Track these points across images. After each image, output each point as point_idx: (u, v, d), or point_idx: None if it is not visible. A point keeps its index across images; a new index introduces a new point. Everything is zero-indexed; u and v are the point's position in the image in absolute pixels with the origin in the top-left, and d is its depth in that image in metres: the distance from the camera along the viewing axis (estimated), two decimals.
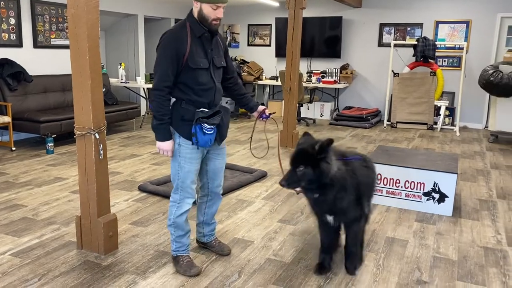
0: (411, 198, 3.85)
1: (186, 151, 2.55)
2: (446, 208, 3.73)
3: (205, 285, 2.57)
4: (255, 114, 2.90)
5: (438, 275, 2.75)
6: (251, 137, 3.00)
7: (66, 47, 6.78)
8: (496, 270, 2.83)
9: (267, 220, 3.58)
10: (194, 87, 2.49)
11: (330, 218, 2.60)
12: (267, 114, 2.89)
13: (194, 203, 2.77)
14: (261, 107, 2.89)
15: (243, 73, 9.15)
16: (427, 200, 3.79)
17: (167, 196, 4.00)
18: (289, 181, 2.32)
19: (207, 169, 2.74)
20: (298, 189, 2.38)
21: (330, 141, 2.30)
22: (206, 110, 2.52)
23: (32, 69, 6.29)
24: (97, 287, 2.52)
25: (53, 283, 2.56)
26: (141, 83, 7.41)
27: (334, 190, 2.38)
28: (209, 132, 2.49)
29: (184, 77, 2.48)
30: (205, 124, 2.47)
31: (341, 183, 2.41)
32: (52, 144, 5.55)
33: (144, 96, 8.06)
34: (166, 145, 2.52)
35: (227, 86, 2.84)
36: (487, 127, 7.90)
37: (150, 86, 7.38)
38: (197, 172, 2.66)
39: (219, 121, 2.53)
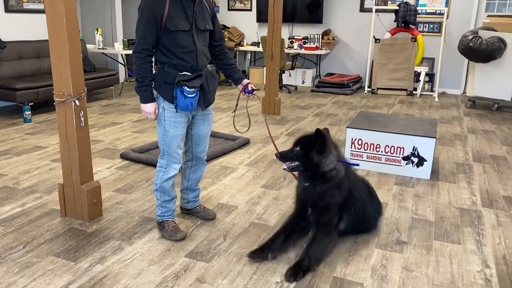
0: (390, 163, 3.93)
1: (170, 115, 2.55)
2: (425, 171, 3.84)
3: (191, 249, 2.61)
4: (239, 87, 2.86)
5: (416, 235, 2.85)
6: (234, 111, 2.97)
7: (39, 11, 6.52)
8: (471, 230, 2.95)
9: (250, 185, 3.62)
10: (175, 50, 2.47)
11: (309, 211, 2.56)
12: (250, 89, 2.83)
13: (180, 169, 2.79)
14: (245, 81, 2.84)
15: None
16: (406, 164, 3.88)
17: (149, 164, 4.00)
18: (282, 156, 2.45)
19: (192, 133, 2.75)
20: (286, 166, 2.45)
21: (327, 137, 2.41)
22: (188, 73, 2.50)
23: (5, 35, 6.05)
24: (83, 253, 2.54)
25: (39, 250, 2.57)
26: (119, 49, 7.23)
27: (324, 185, 2.42)
28: (190, 96, 2.47)
29: (164, 40, 2.46)
30: (186, 87, 2.45)
31: (334, 183, 2.43)
32: (30, 112, 5.43)
33: (123, 62, 7.89)
34: (148, 107, 2.53)
35: (214, 53, 2.78)
36: (465, 92, 8.04)
37: (129, 52, 7.22)
38: (183, 137, 2.66)
39: (199, 84, 2.50)
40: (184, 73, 2.49)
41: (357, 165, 2.71)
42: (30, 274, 2.34)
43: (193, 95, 2.48)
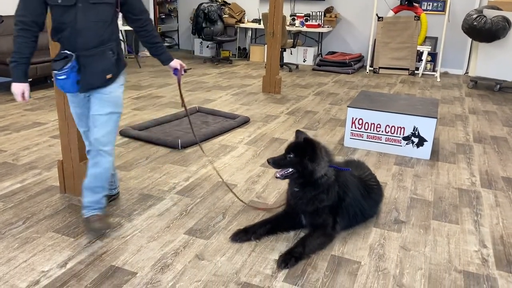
0: (391, 142, 3.92)
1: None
2: (425, 151, 3.83)
3: (190, 226, 2.63)
4: (171, 69, 2.70)
5: (414, 215, 2.87)
6: (182, 101, 2.70)
7: None
8: (469, 210, 2.96)
9: (250, 164, 3.62)
10: (56, 26, 2.25)
11: (302, 217, 2.57)
12: (183, 72, 2.69)
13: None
14: (175, 63, 2.64)
15: (224, 16, 8.87)
16: (407, 144, 3.87)
17: (149, 141, 3.99)
18: (275, 162, 2.42)
19: (89, 115, 2.47)
20: (279, 175, 2.43)
21: (317, 144, 2.39)
22: (69, 53, 2.25)
23: (2, 9, 5.96)
24: (83, 229, 2.55)
25: (38, 226, 2.58)
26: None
27: (314, 191, 2.43)
28: (59, 78, 2.24)
29: (52, 14, 2.24)
30: (53, 70, 2.25)
31: (323, 188, 2.43)
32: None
33: (123, 39, 7.79)
34: (15, 87, 2.29)
35: (135, 29, 2.52)
36: (468, 73, 7.97)
37: (128, 28, 7.13)
38: (79, 118, 2.51)
39: (60, 67, 2.21)
40: (65, 51, 2.25)
41: (348, 169, 2.64)
42: (30, 249, 2.35)
43: (63, 77, 2.24)
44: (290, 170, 2.41)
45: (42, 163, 3.49)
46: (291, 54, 8.72)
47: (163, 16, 9.80)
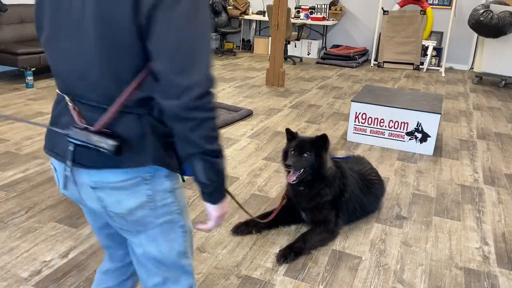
0: (394, 138, 3.91)
1: None
2: (428, 147, 3.82)
3: (192, 219, 2.63)
4: None
5: (416, 211, 2.86)
6: None
7: None
8: (471, 207, 2.96)
9: (252, 157, 3.62)
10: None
11: (303, 215, 2.57)
12: None
13: None
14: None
15: (228, 7, 8.82)
16: (410, 139, 3.86)
17: None
18: (296, 164, 2.35)
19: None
20: (295, 177, 2.35)
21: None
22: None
23: None
24: (85, 219, 2.56)
25: (41, 215, 2.59)
26: None
27: (320, 185, 2.42)
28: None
29: None
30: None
31: (327, 181, 2.43)
32: (32, 77, 5.38)
33: None
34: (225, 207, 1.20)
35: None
36: (473, 68, 7.92)
37: None
38: (98, 231, 1.37)
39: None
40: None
41: (349, 157, 2.67)
42: (32, 239, 2.36)
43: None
44: (302, 170, 2.37)
45: (44, 152, 3.49)
46: (295, 47, 8.67)
47: None
